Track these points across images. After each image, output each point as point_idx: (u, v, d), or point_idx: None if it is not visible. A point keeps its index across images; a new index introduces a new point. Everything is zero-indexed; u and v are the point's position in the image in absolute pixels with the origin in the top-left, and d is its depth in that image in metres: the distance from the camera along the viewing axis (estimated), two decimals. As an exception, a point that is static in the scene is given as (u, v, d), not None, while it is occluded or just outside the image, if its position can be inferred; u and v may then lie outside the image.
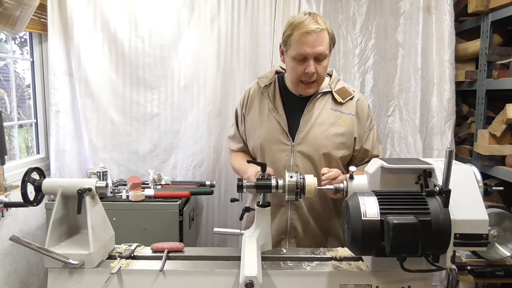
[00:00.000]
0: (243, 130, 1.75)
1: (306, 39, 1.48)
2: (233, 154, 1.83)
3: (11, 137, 3.08)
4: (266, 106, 1.66)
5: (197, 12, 2.61)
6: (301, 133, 1.59)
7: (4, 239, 2.11)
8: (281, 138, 1.60)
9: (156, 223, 2.23)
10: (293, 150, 1.59)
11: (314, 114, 1.61)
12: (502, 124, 2.08)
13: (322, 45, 1.50)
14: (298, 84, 1.58)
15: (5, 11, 1.93)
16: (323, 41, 1.50)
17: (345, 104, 1.63)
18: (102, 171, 2.41)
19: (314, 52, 1.50)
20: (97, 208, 1.34)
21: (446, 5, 2.48)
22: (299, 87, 1.59)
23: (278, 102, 1.65)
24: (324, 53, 1.51)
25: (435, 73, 2.54)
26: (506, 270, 1.49)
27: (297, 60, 1.53)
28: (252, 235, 1.32)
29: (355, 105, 1.64)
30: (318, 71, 1.53)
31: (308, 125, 1.60)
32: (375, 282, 1.20)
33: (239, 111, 1.77)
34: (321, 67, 1.54)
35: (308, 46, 1.49)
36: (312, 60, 1.51)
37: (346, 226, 1.09)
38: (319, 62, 1.53)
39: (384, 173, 1.17)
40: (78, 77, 2.58)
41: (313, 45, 1.49)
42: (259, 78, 1.73)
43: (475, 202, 1.06)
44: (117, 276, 1.23)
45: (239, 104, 1.79)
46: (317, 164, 1.58)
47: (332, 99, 1.64)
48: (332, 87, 1.65)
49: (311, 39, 1.48)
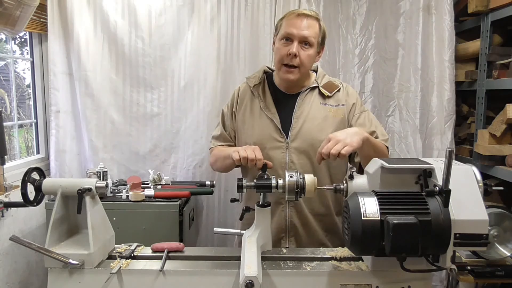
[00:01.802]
0: (232, 129, 1.73)
1: (295, 21, 1.55)
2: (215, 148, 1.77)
3: (11, 137, 3.08)
4: (257, 105, 1.66)
5: (197, 12, 2.61)
6: (294, 129, 1.60)
7: (4, 239, 2.11)
8: (275, 135, 1.61)
9: (156, 223, 2.23)
10: (287, 147, 1.60)
11: (305, 109, 1.63)
12: (502, 124, 2.08)
13: (309, 30, 1.54)
14: (281, 68, 1.59)
15: (5, 11, 1.93)
16: (310, 27, 1.55)
17: (333, 97, 1.65)
18: (102, 171, 2.41)
19: (300, 34, 1.53)
20: (97, 208, 1.34)
21: (446, 5, 2.48)
22: (282, 71, 1.60)
23: (269, 100, 1.66)
24: (309, 38, 1.54)
25: (435, 73, 2.54)
26: (506, 270, 1.49)
27: (282, 42, 1.57)
28: (252, 235, 1.32)
29: (342, 96, 1.66)
30: (301, 56, 1.55)
31: (300, 121, 1.61)
32: (375, 282, 1.20)
33: (228, 110, 1.75)
34: (305, 54, 1.55)
35: (294, 28, 1.54)
36: (296, 42, 1.54)
37: (346, 226, 1.08)
38: (304, 48, 1.55)
39: (384, 173, 1.17)
40: (78, 77, 2.58)
41: (300, 28, 1.53)
42: (247, 78, 1.75)
43: (475, 202, 1.06)
44: (117, 276, 1.23)
45: (226, 105, 1.78)
46: (313, 159, 1.58)
47: (319, 94, 1.65)
48: (319, 82, 1.67)
49: (299, 21, 1.54)
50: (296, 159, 1.59)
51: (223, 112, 1.78)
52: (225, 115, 1.77)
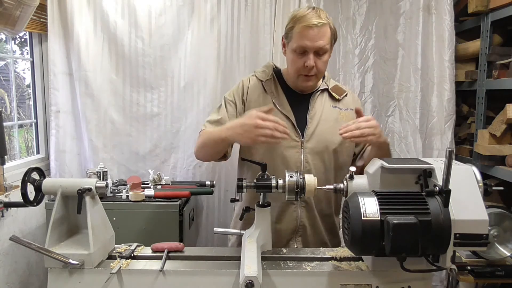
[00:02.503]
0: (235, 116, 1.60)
1: (307, 33, 1.48)
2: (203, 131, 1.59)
3: (11, 137, 3.08)
4: (269, 101, 1.60)
5: (197, 12, 2.61)
6: (309, 129, 1.58)
7: (4, 239, 2.11)
8: (291, 134, 1.54)
9: (156, 223, 2.23)
10: (302, 147, 1.57)
11: (318, 110, 1.61)
12: (502, 124, 2.08)
13: (323, 40, 1.49)
14: (298, 77, 1.57)
15: (5, 11, 1.93)
16: (324, 36, 1.50)
17: (341, 100, 1.66)
18: (102, 171, 2.41)
19: (314, 46, 1.49)
20: (97, 208, 1.34)
21: (446, 5, 2.48)
22: (299, 80, 1.58)
23: (282, 97, 1.63)
24: (324, 47, 1.51)
25: (435, 73, 2.54)
26: (506, 270, 1.49)
27: (297, 53, 1.52)
28: (252, 235, 1.32)
29: (350, 101, 1.68)
30: (318, 65, 1.53)
31: (314, 121, 1.59)
32: (375, 282, 1.20)
33: (233, 97, 1.63)
34: (321, 62, 1.54)
35: (308, 40, 1.48)
36: (312, 54, 1.50)
37: (346, 226, 1.09)
38: (319, 57, 1.52)
39: (384, 173, 1.17)
40: (78, 77, 2.58)
41: (313, 39, 1.48)
42: (256, 72, 1.69)
43: (475, 202, 1.06)
44: (117, 276, 1.23)
45: (230, 92, 1.66)
46: (326, 161, 1.58)
47: (329, 96, 1.66)
48: (328, 84, 1.67)
49: (312, 33, 1.48)
50: (311, 159, 1.57)
51: (225, 98, 1.65)
52: (228, 102, 1.64)
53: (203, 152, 1.58)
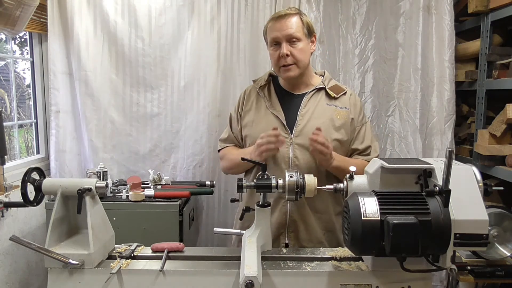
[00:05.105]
0: (239, 130, 1.78)
1: (276, 24, 1.62)
2: (225, 149, 1.84)
3: (11, 137, 3.08)
4: (263, 105, 1.72)
5: (197, 12, 2.61)
6: (298, 126, 1.64)
7: (4, 239, 2.11)
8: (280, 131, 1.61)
9: (156, 223, 2.23)
10: (291, 143, 1.63)
11: (311, 108, 1.67)
12: (502, 124, 2.08)
13: (292, 28, 1.60)
14: (280, 70, 1.67)
15: (5, 11, 1.93)
16: (292, 24, 1.60)
17: (339, 99, 1.70)
18: (102, 171, 2.41)
19: (283, 34, 1.60)
20: (97, 208, 1.34)
21: (446, 5, 2.47)
22: (281, 72, 1.67)
23: (274, 99, 1.72)
24: (294, 35, 1.60)
25: (435, 73, 2.53)
26: (506, 270, 1.49)
27: (272, 47, 1.65)
28: (252, 235, 1.32)
29: (348, 100, 1.72)
30: (293, 54, 1.61)
31: (305, 118, 1.65)
32: (375, 282, 1.20)
33: (235, 113, 1.82)
34: (297, 50, 1.62)
35: (277, 31, 1.61)
36: (284, 43, 1.60)
37: (346, 226, 1.09)
38: (293, 45, 1.61)
39: (384, 173, 1.17)
40: (78, 77, 2.58)
41: (281, 29, 1.60)
42: (254, 81, 1.82)
43: (475, 202, 1.06)
44: (117, 276, 1.23)
45: (234, 107, 1.84)
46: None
47: (326, 95, 1.70)
48: (325, 84, 1.72)
49: (279, 24, 1.61)
50: (300, 154, 1.62)
51: (231, 115, 1.84)
52: (232, 118, 1.83)
53: (232, 172, 1.82)
